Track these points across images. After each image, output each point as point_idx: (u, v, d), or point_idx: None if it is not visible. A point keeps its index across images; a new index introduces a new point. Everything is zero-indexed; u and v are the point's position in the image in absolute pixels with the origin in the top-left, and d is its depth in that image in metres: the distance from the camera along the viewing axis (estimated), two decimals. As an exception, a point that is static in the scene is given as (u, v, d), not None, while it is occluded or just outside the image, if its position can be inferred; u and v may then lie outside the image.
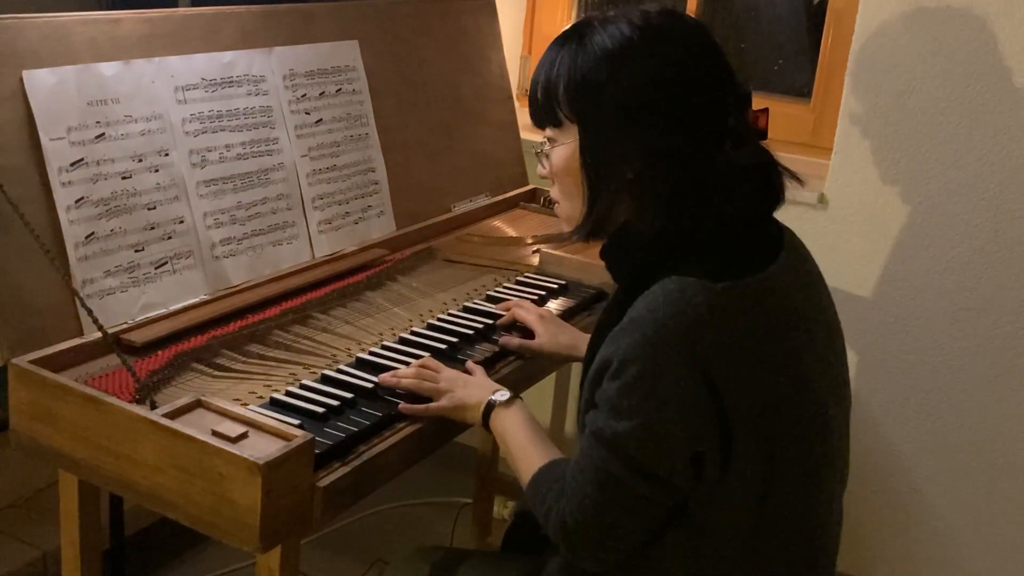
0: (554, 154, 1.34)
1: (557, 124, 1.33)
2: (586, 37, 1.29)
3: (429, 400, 1.50)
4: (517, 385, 1.59)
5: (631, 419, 1.20)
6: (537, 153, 1.40)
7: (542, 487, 1.35)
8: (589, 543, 1.28)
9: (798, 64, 2.80)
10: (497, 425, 1.46)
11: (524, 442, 1.42)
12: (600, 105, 1.27)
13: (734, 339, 1.20)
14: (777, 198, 1.34)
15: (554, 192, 1.39)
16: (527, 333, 1.75)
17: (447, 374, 1.54)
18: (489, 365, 1.65)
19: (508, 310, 1.80)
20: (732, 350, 1.20)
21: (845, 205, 2.40)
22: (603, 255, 1.37)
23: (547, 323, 1.75)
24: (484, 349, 1.69)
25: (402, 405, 1.50)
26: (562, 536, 1.29)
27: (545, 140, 1.36)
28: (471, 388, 1.51)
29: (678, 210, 1.26)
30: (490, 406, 1.47)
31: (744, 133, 1.30)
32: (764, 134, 1.35)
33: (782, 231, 1.36)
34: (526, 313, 1.77)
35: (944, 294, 2.34)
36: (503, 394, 1.48)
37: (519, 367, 1.70)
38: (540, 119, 1.35)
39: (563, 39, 1.32)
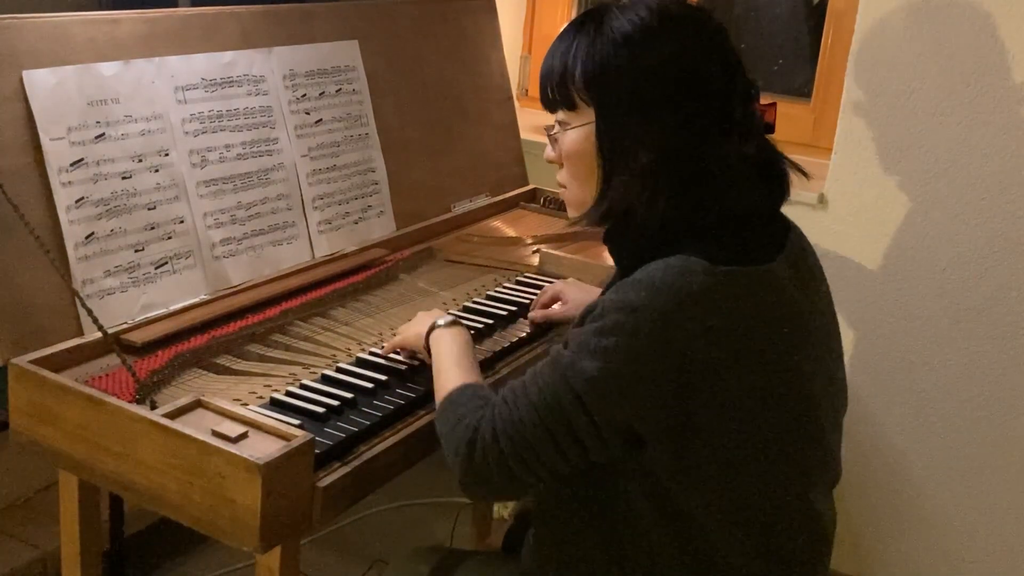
0: (566, 137, 1.34)
1: (571, 107, 1.33)
2: (604, 23, 1.29)
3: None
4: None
5: (594, 360, 1.20)
6: (549, 135, 1.39)
7: (459, 400, 1.34)
8: (494, 460, 1.26)
9: (798, 64, 2.80)
10: (432, 344, 1.49)
11: (452, 363, 1.43)
12: (619, 88, 1.27)
13: (724, 322, 1.20)
14: (783, 192, 1.34)
15: (561, 177, 1.39)
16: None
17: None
18: (490, 365, 1.65)
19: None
20: (720, 333, 1.19)
21: (845, 205, 2.40)
22: (606, 240, 1.37)
23: (572, 288, 1.80)
24: (484, 349, 1.69)
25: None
26: (466, 445, 1.27)
27: (555, 124, 1.36)
28: (421, 318, 1.58)
29: (685, 197, 1.27)
30: (432, 327, 1.51)
31: (751, 126, 1.31)
32: (771, 128, 1.36)
33: (789, 229, 1.36)
34: (551, 286, 1.82)
35: (944, 294, 2.34)
36: (446, 318, 1.52)
37: (522, 365, 1.70)
38: (553, 102, 1.35)
39: (579, 24, 1.33)
